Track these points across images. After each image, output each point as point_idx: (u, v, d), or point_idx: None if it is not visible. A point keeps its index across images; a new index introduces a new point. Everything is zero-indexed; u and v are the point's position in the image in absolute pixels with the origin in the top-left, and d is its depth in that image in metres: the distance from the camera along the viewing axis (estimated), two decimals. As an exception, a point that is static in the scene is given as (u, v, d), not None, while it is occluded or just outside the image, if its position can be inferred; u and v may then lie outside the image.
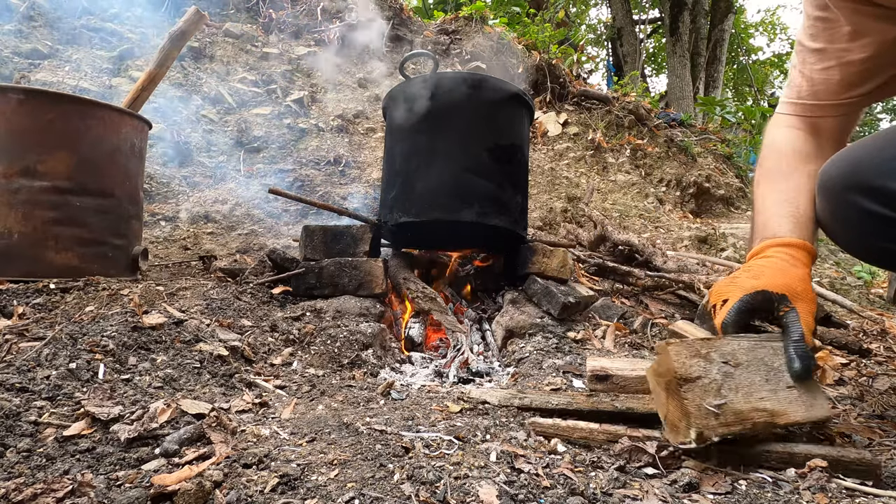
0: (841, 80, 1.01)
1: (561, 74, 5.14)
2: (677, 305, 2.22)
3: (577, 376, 1.42)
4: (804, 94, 1.07)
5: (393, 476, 0.82)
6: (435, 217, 1.86)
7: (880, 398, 1.26)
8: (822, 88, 1.03)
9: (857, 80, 1.00)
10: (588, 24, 15.67)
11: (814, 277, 3.40)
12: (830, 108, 1.05)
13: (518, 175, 2.03)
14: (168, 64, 2.08)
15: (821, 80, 1.02)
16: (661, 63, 16.47)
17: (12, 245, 1.62)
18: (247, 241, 2.81)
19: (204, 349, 1.32)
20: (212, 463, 0.83)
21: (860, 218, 0.98)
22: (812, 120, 1.10)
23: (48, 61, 3.56)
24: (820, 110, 1.06)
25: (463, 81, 1.94)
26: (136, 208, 1.93)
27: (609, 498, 0.79)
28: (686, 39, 10.11)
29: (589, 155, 4.51)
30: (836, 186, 1.02)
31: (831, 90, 1.03)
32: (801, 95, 1.08)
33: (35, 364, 1.09)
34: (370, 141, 3.94)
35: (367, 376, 1.51)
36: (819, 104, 1.05)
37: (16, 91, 1.66)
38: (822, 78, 1.02)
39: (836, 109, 1.05)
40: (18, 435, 0.88)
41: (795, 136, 1.14)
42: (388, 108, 2.12)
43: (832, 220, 1.07)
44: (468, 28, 5.18)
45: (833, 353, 1.60)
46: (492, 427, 1.05)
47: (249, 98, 3.99)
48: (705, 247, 3.51)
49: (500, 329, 1.83)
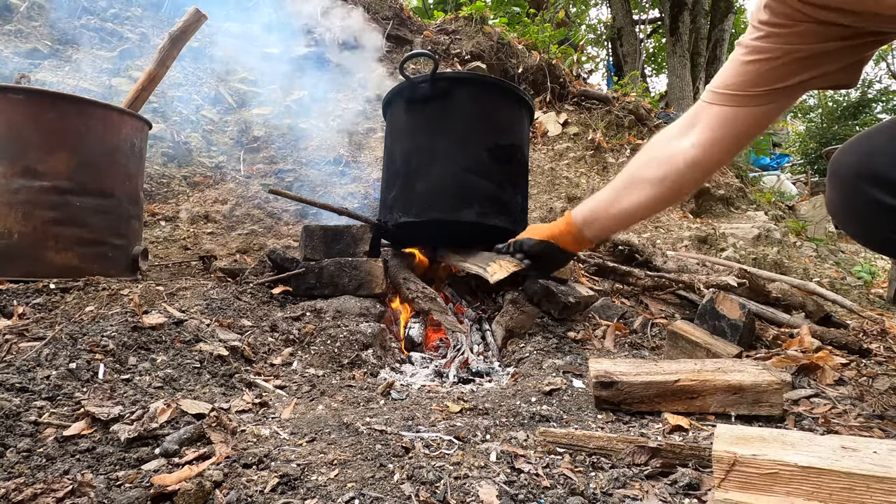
0: (765, 71, 1.00)
1: (561, 74, 5.14)
2: (677, 305, 2.22)
3: (577, 376, 1.42)
4: (722, 82, 1.07)
5: (393, 476, 0.82)
6: (435, 217, 1.86)
7: (880, 398, 1.26)
8: (743, 79, 1.03)
9: (784, 74, 1.00)
10: (588, 24, 15.66)
11: (814, 277, 3.41)
12: (743, 98, 1.04)
13: (518, 175, 2.03)
14: (168, 64, 2.08)
15: (746, 71, 1.02)
16: (661, 63, 16.47)
17: (12, 245, 1.62)
18: (247, 241, 2.81)
19: (204, 349, 1.32)
20: (212, 463, 0.83)
21: (872, 209, 0.96)
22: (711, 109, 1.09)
23: (48, 61, 3.56)
24: (732, 100, 1.05)
25: (463, 81, 1.94)
26: (136, 208, 1.93)
27: (609, 498, 0.79)
28: (686, 39, 10.10)
29: (589, 155, 4.51)
30: (848, 175, 1.00)
31: (752, 81, 1.02)
32: (720, 83, 1.08)
33: (35, 364, 1.09)
34: (370, 141, 3.94)
35: (367, 376, 1.51)
36: (734, 94, 1.05)
37: (16, 91, 1.66)
38: (747, 69, 1.01)
39: (758, 99, 1.04)
40: (18, 435, 0.88)
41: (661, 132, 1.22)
42: (388, 108, 2.12)
43: (842, 210, 1.05)
44: (468, 28, 5.18)
45: (833, 353, 1.60)
46: (492, 427, 1.05)
47: (249, 98, 3.99)
48: (705, 247, 3.51)
49: (500, 329, 1.83)
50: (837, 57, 0.97)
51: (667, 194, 1.24)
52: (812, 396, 1.27)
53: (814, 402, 1.24)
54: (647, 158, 1.25)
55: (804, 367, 1.41)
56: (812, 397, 1.26)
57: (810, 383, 1.36)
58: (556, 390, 1.31)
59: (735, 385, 1.09)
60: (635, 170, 1.27)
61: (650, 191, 1.23)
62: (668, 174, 1.20)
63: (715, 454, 0.70)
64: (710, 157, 1.16)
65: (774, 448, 0.70)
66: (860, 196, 0.98)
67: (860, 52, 0.97)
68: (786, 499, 0.66)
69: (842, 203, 1.05)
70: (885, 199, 0.93)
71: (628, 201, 1.28)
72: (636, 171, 1.26)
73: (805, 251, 4.27)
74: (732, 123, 1.09)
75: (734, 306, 1.63)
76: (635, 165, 1.27)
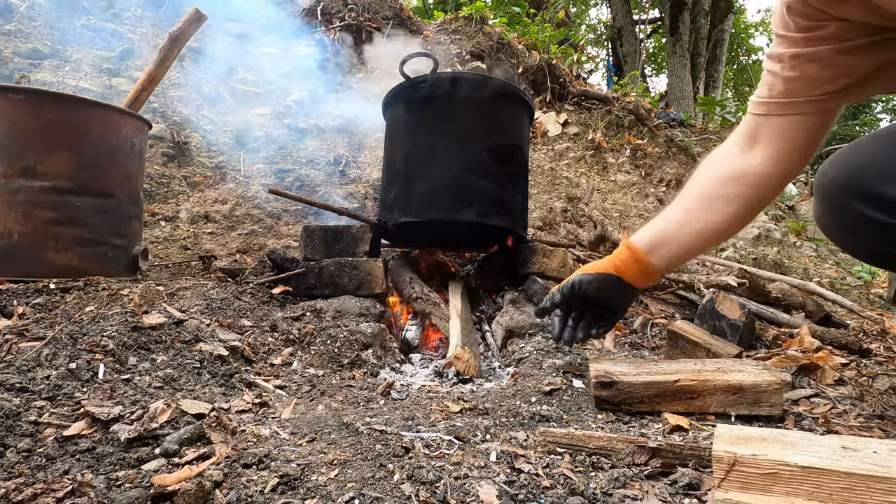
0: (816, 75, 0.96)
1: (561, 74, 5.14)
2: (677, 305, 2.22)
3: (577, 376, 1.42)
4: (776, 92, 1.02)
5: (393, 476, 0.82)
6: (435, 217, 1.86)
7: (880, 398, 1.26)
8: (796, 86, 0.99)
9: (831, 76, 0.96)
10: (588, 24, 15.66)
11: (814, 277, 3.41)
12: (802, 104, 1.00)
13: (518, 175, 2.03)
14: (168, 64, 2.08)
15: (794, 77, 0.98)
16: (661, 63, 16.47)
17: (12, 245, 1.62)
18: (247, 241, 2.81)
19: (204, 349, 1.32)
20: (212, 463, 0.83)
21: (859, 224, 0.96)
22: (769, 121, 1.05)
23: (48, 61, 3.56)
24: (792, 108, 1.01)
25: (463, 81, 1.94)
26: (136, 208, 1.93)
27: (609, 498, 0.79)
28: (686, 39, 10.11)
29: (589, 155, 4.51)
30: (834, 190, 1.00)
31: (806, 86, 0.98)
32: (772, 94, 1.03)
33: (35, 364, 1.09)
34: (370, 141, 3.94)
35: (367, 376, 1.51)
36: (791, 101, 1.01)
37: (16, 91, 1.66)
38: (795, 75, 0.98)
39: (810, 106, 1.00)
40: (18, 435, 0.88)
41: (722, 150, 1.15)
42: (389, 108, 2.12)
43: (830, 223, 1.06)
44: (468, 28, 5.18)
45: (833, 353, 1.60)
46: (492, 427, 1.05)
47: (249, 98, 3.99)
48: (705, 247, 3.50)
49: (501, 329, 1.83)
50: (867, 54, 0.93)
51: (743, 214, 1.15)
52: (812, 396, 1.27)
53: (814, 402, 1.24)
54: (717, 178, 1.14)
55: (804, 367, 1.41)
56: (812, 397, 1.26)
57: (810, 383, 1.36)
58: (556, 390, 1.31)
59: (735, 385, 1.09)
60: (705, 190, 1.16)
61: (728, 209, 1.12)
62: (743, 192, 1.11)
63: (715, 454, 0.70)
64: (784, 170, 1.09)
65: (774, 448, 0.70)
66: (848, 211, 0.97)
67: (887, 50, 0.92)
68: (786, 499, 0.66)
69: (830, 217, 1.04)
70: (871, 213, 0.93)
71: (704, 222, 1.15)
72: (708, 191, 1.15)
73: (805, 251, 4.27)
74: (798, 132, 1.04)
75: (734, 306, 1.63)
76: (702, 185, 1.16)
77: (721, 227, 1.15)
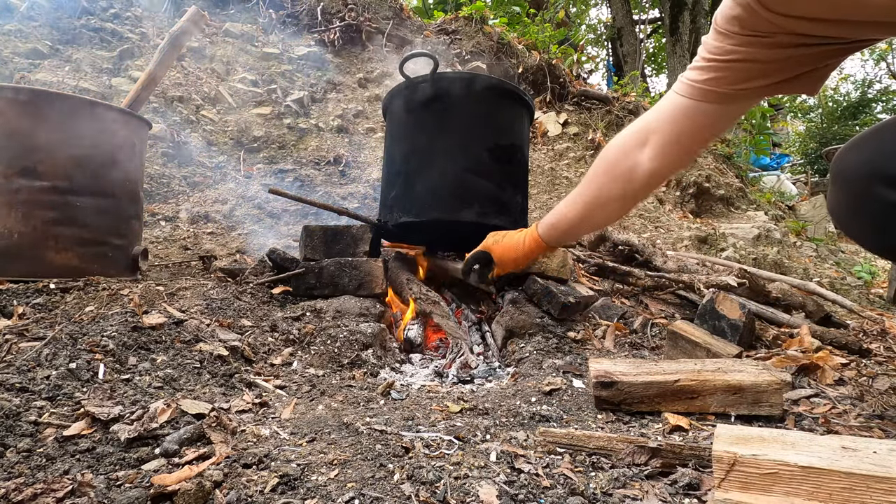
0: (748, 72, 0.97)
1: (561, 74, 5.14)
2: (677, 305, 2.22)
3: (577, 376, 1.42)
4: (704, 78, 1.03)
5: (393, 476, 0.82)
6: (435, 217, 1.86)
7: (880, 398, 1.26)
8: (725, 75, 0.99)
9: (762, 73, 0.97)
10: (588, 24, 15.66)
11: (814, 277, 3.41)
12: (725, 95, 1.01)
13: (518, 175, 2.03)
14: (168, 64, 2.08)
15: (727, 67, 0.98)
16: (661, 63, 16.47)
17: (12, 245, 1.62)
18: (247, 241, 2.81)
19: (204, 349, 1.32)
20: (212, 463, 0.83)
21: (881, 209, 0.91)
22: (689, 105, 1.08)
23: (48, 61, 3.56)
24: (711, 96, 1.03)
25: (463, 81, 1.94)
26: (136, 208, 1.93)
27: (609, 498, 0.79)
28: (686, 39, 10.11)
29: (589, 155, 4.51)
30: (855, 175, 0.96)
31: (735, 79, 0.99)
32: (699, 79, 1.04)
33: (35, 364, 1.09)
34: (370, 141, 3.94)
35: (367, 376, 1.51)
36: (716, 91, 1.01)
37: (16, 91, 1.66)
38: (727, 67, 0.98)
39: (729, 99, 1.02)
40: (18, 435, 0.88)
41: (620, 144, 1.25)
42: (388, 107, 2.12)
43: (848, 212, 1.01)
44: (468, 28, 5.18)
45: (833, 353, 1.60)
46: (492, 427, 1.05)
47: (249, 98, 3.99)
48: (705, 247, 3.51)
49: (500, 329, 1.83)
50: (801, 63, 0.94)
51: (628, 207, 1.36)
52: (812, 396, 1.27)
53: (814, 402, 1.24)
54: (610, 175, 1.27)
55: (804, 367, 1.41)
56: (812, 397, 1.26)
57: (810, 383, 1.36)
58: (556, 390, 1.31)
59: (735, 385, 1.09)
60: (598, 186, 1.30)
61: (615, 206, 1.31)
62: (627, 191, 1.25)
63: (715, 454, 0.70)
64: (667, 165, 1.19)
65: (774, 448, 0.70)
66: (871, 197, 0.92)
67: (824, 59, 0.94)
68: (786, 499, 0.66)
69: (848, 204, 1.00)
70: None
71: (597, 217, 1.38)
72: (600, 190, 1.30)
73: (805, 251, 4.27)
74: (692, 117, 1.09)
75: (734, 306, 1.63)
76: (597, 181, 1.30)
77: (609, 220, 1.52)
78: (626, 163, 1.22)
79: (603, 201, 1.30)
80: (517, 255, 1.56)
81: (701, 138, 1.17)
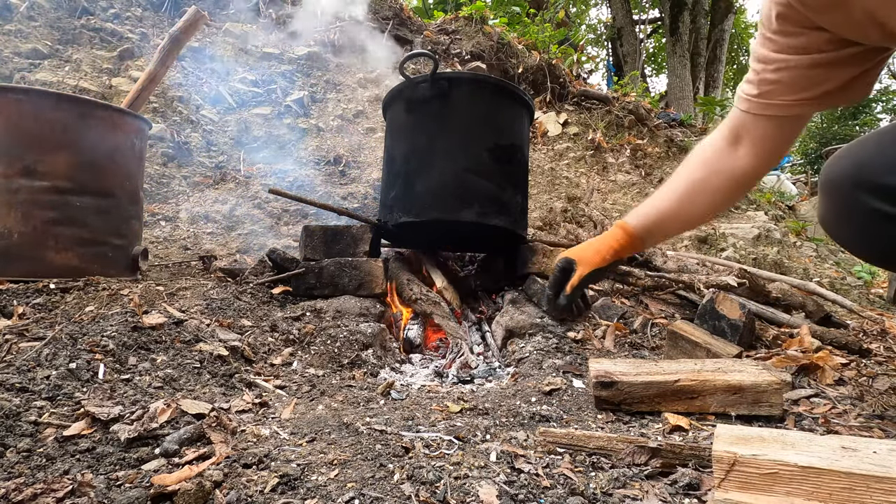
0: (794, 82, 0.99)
1: (561, 74, 5.14)
2: (677, 305, 2.22)
3: (577, 376, 1.42)
4: (759, 92, 1.06)
5: (393, 476, 0.82)
6: (435, 217, 1.86)
7: (880, 398, 1.26)
8: (776, 88, 1.01)
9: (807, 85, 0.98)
10: (588, 24, 15.67)
11: (814, 277, 3.41)
12: (779, 107, 1.03)
13: (518, 175, 2.03)
14: (168, 64, 2.08)
15: (775, 80, 1.01)
16: (661, 63, 16.47)
17: (12, 245, 1.62)
18: (247, 241, 2.81)
19: (204, 349, 1.32)
20: (212, 463, 0.83)
21: (867, 217, 0.95)
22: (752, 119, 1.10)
23: (48, 61, 3.56)
24: (770, 109, 1.05)
25: (463, 81, 1.94)
26: (136, 208, 1.93)
27: (609, 498, 0.79)
28: (686, 39, 10.11)
29: (589, 155, 4.51)
30: (843, 185, 0.99)
31: (785, 90, 1.01)
32: (755, 93, 1.06)
33: (35, 364, 1.09)
34: (370, 141, 3.94)
35: (367, 376, 1.51)
36: (770, 103, 1.04)
37: (16, 91, 1.66)
38: (776, 78, 1.00)
39: (786, 110, 1.03)
40: (18, 435, 0.88)
41: (711, 142, 1.22)
42: (389, 108, 2.12)
43: (837, 221, 1.04)
44: (468, 28, 5.18)
45: (833, 353, 1.60)
46: (492, 427, 1.05)
47: (249, 98, 3.99)
48: (705, 247, 3.51)
49: (501, 329, 1.83)
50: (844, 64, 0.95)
51: (725, 202, 1.30)
52: (812, 396, 1.27)
53: (814, 402, 1.24)
54: (706, 170, 1.24)
55: (804, 367, 1.41)
56: (812, 397, 1.26)
57: (810, 383, 1.36)
58: (556, 390, 1.31)
59: (735, 385, 1.09)
60: (695, 180, 1.27)
61: (712, 199, 1.26)
62: (724, 185, 1.22)
63: (715, 454, 0.70)
64: (764, 166, 1.18)
65: (774, 448, 0.70)
66: (856, 206, 0.96)
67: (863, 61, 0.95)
68: (786, 499, 0.66)
69: (836, 214, 1.03)
70: (882, 206, 0.91)
71: (695, 210, 1.30)
72: (698, 182, 1.26)
73: (805, 251, 4.26)
74: (777, 131, 1.09)
75: (734, 306, 1.63)
76: (692, 175, 1.27)
77: (706, 215, 1.34)
78: (722, 159, 1.20)
79: (700, 192, 1.26)
80: (598, 245, 1.39)
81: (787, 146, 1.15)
